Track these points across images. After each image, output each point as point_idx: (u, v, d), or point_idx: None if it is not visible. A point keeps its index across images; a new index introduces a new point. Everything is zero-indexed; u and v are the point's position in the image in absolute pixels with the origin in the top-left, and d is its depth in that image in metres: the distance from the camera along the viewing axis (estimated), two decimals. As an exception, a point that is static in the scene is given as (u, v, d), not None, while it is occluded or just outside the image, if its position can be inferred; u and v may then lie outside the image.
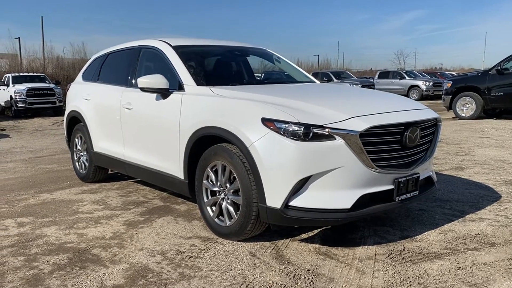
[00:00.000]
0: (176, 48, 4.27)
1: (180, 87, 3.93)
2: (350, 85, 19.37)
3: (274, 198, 3.02)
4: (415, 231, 3.68)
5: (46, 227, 3.93)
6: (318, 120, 3.00)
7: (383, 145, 3.14)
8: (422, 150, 3.50)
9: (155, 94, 4.06)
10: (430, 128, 3.59)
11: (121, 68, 4.95)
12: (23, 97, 16.67)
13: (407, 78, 26.22)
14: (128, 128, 4.56)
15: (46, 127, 14.28)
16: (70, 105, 5.75)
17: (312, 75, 12.99)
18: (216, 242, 3.47)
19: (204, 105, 3.65)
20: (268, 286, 2.73)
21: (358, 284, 2.77)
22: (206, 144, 3.53)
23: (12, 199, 4.93)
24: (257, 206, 3.13)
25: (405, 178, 3.25)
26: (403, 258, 3.13)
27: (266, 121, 3.05)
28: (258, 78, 5.14)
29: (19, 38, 32.99)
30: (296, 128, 2.94)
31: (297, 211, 2.98)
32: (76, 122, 5.62)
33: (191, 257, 3.20)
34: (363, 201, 3.09)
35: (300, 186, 2.98)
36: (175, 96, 3.91)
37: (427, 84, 24.92)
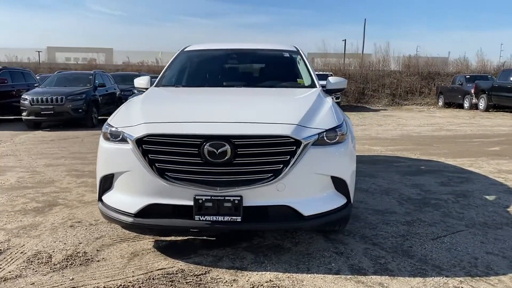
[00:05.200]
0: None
1: None
2: None
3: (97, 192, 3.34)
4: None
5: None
6: (124, 123, 3.12)
7: (175, 156, 2.89)
8: (255, 170, 2.88)
9: None
10: (273, 147, 2.88)
11: None
12: None
13: None
14: None
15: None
16: None
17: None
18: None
19: None
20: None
21: None
22: None
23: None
24: None
25: (209, 197, 2.87)
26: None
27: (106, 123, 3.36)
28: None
29: (345, 40, 36.09)
30: (109, 130, 3.18)
31: (105, 207, 3.20)
32: None
33: None
34: (158, 211, 2.99)
35: (109, 183, 3.18)
36: None
37: None
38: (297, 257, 3.21)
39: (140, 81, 4.54)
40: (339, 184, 3.11)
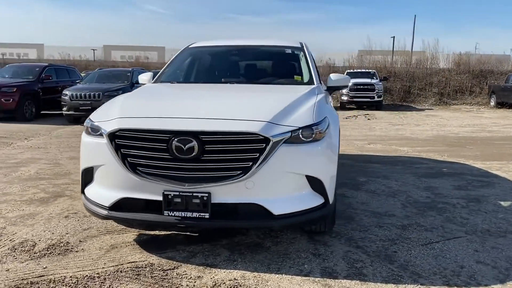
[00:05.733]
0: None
1: None
2: None
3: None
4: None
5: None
6: (102, 118, 3.19)
7: (146, 151, 2.92)
8: (223, 167, 2.85)
9: None
10: (241, 144, 2.83)
11: None
12: (346, 91, 18.69)
13: None
14: None
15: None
16: None
17: None
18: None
19: None
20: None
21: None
22: None
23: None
24: None
25: (177, 193, 2.87)
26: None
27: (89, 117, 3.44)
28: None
29: (393, 37, 34.84)
30: (89, 124, 3.26)
31: (86, 200, 3.28)
32: None
33: None
34: (131, 205, 3.03)
35: (90, 176, 3.26)
36: None
37: None
38: (273, 257, 3.15)
39: (143, 77, 4.63)
40: (315, 183, 3.02)
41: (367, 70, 22.79)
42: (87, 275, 2.83)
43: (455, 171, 6.21)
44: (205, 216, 2.87)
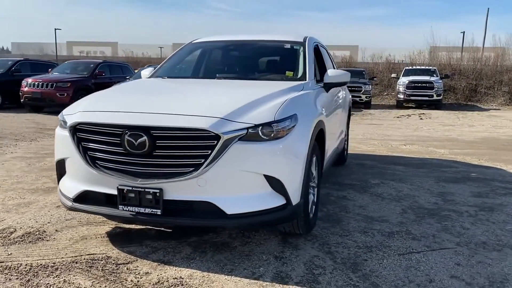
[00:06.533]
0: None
1: None
2: None
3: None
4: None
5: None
6: (70, 111, 3.26)
7: (103, 145, 2.95)
8: (175, 164, 2.80)
9: None
10: (193, 140, 2.77)
11: None
12: (403, 88, 17.95)
13: None
14: None
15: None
16: None
17: None
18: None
19: None
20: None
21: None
22: None
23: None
24: None
25: (131, 188, 2.88)
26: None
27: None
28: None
29: (463, 32, 32.63)
30: (62, 117, 3.34)
31: (59, 191, 3.38)
32: None
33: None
34: (93, 197, 3.08)
35: (63, 168, 3.34)
36: None
37: None
38: (233, 257, 3.06)
39: (145, 72, 4.68)
40: (275, 184, 2.89)
41: (427, 67, 21.71)
42: (42, 264, 2.91)
43: (485, 176, 5.71)
44: (157, 213, 2.85)
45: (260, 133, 2.83)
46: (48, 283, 2.67)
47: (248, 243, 3.32)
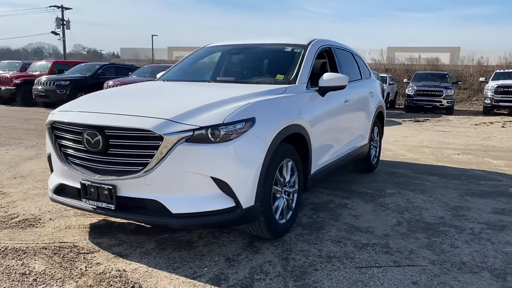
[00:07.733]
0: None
1: None
2: None
3: None
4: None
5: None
6: (54, 110, 3.58)
7: (71, 142, 3.20)
8: (126, 162, 2.96)
9: None
10: (140, 140, 2.91)
11: None
12: (491, 93, 16.72)
13: None
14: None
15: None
16: None
17: None
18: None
19: None
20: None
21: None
22: None
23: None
24: None
25: (91, 183, 3.10)
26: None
27: None
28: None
29: None
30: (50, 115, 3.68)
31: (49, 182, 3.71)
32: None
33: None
34: (67, 191, 3.34)
35: (50, 163, 3.66)
36: None
37: None
38: (188, 256, 3.14)
39: (158, 76, 4.94)
40: (223, 186, 2.93)
41: (508, 71, 19.74)
42: (16, 248, 3.22)
43: (525, 192, 5.13)
44: (112, 208, 3.02)
45: (209, 135, 2.88)
46: (8, 265, 2.96)
47: (212, 243, 3.37)
